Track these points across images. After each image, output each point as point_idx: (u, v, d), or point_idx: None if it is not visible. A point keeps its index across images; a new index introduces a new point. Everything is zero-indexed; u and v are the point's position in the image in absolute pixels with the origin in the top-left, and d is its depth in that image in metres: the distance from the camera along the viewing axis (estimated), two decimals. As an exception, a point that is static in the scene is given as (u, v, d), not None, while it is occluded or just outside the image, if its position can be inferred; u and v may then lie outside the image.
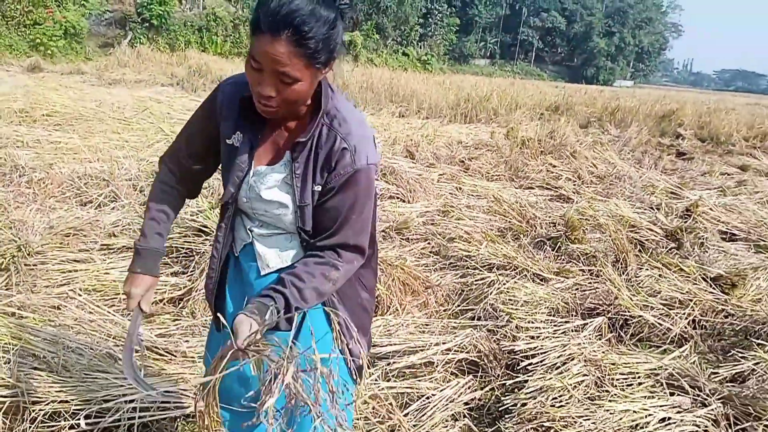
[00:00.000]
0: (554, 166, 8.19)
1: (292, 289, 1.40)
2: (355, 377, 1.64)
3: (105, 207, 4.61)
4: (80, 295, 3.17)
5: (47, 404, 2.11)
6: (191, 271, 3.59)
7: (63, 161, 5.55)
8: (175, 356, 2.77)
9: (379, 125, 9.83)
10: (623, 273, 4.21)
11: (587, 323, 3.28)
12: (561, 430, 2.34)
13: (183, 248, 3.86)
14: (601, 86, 44.07)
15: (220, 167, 1.59)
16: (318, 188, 1.43)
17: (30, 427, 1.98)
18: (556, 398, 2.55)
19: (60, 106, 7.62)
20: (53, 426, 2.06)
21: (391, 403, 2.67)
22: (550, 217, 5.53)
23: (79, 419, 2.09)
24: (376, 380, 2.73)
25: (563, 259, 4.46)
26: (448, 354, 3.02)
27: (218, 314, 1.57)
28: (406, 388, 2.73)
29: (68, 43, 19.60)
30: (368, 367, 1.71)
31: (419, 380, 2.83)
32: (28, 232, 3.78)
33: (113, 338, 2.82)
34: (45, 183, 4.80)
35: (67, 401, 2.16)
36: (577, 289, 3.86)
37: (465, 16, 55.99)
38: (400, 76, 17.27)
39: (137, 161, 5.71)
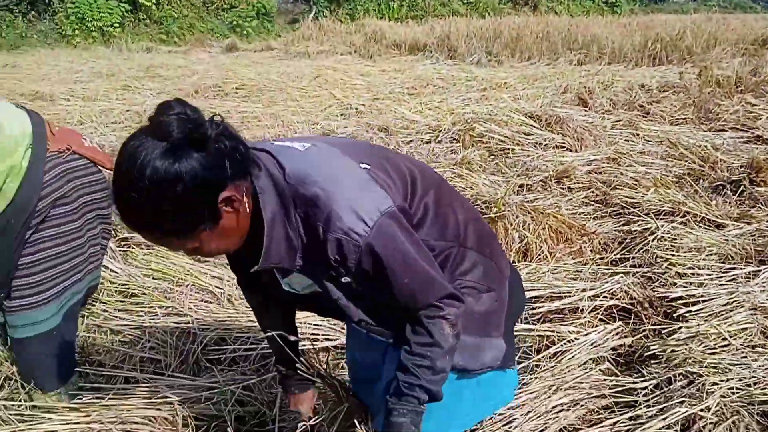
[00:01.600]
0: (753, 105, 7.28)
1: (420, 378, 1.30)
2: (508, 366, 1.51)
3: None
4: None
5: (213, 331, 2.43)
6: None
7: (247, 129, 6.13)
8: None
9: (552, 75, 9.44)
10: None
11: (762, 270, 2.95)
12: (710, 376, 2.17)
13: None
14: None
15: None
16: (346, 279, 1.28)
17: (198, 348, 2.30)
18: (710, 346, 2.37)
19: (248, 80, 8.37)
20: (218, 349, 2.37)
21: (530, 346, 2.68)
22: (739, 160, 4.98)
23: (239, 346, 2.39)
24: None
25: (747, 204, 4.02)
26: (596, 300, 2.91)
27: None
28: (546, 331, 2.70)
29: (260, 22, 21.22)
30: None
31: (563, 325, 2.78)
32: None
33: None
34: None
35: (230, 329, 2.47)
36: (758, 235, 3.47)
37: (660, -50, 50.83)
38: (579, 22, 16.28)
39: (310, 125, 6.13)
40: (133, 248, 3.26)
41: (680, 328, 2.57)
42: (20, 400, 2.04)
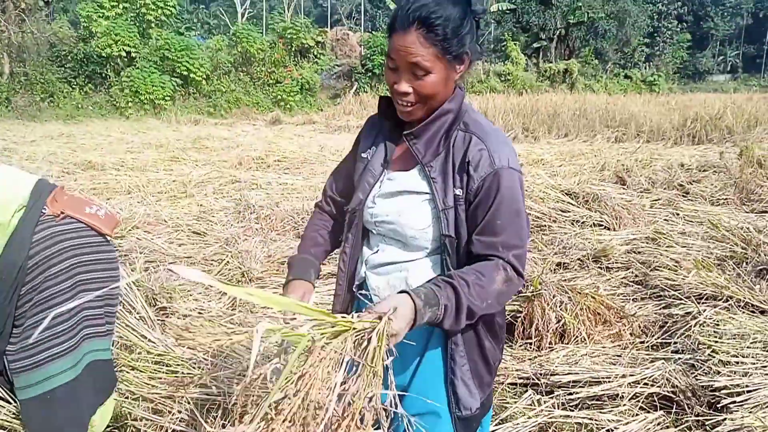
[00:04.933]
0: (798, 187, 7.15)
1: (460, 282, 1.32)
2: (456, 429, 1.51)
3: (317, 239, 5.12)
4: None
5: (245, 405, 2.43)
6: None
7: (287, 200, 6.27)
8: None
9: (589, 152, 9.48)
10: None
11: (811, 361, 2.84)
12: (756, 475, 2.06)
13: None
14: None
15: None
16: (459, 192, 1.39)
17: (228, 425, 2.29)
18: (756, 441, 2.26)
19: (289, 153, 8.62)
20: None
21: (567, 433, 2.59)
22: (783, 243, 4.85)
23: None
24: (550, 408, 2.66)
25: (793, 290, 3.89)
26: (636, 387, 2.83)
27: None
28: (584, 418, 2.61)
29: (303, 97, 22.04)
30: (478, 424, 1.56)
31: (601, 413, 2.69)
32: (251, 260, 4.36)
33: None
34: (270, 219, 5.47)
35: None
36: (807, 323, 3.35)
37: (698, 31, 51.64)
38: (617, 100, 16.46)
39: (348, 197, 6.25)
40: (170, 317, 3.31)
41: (725, 419, 2.46)
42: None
